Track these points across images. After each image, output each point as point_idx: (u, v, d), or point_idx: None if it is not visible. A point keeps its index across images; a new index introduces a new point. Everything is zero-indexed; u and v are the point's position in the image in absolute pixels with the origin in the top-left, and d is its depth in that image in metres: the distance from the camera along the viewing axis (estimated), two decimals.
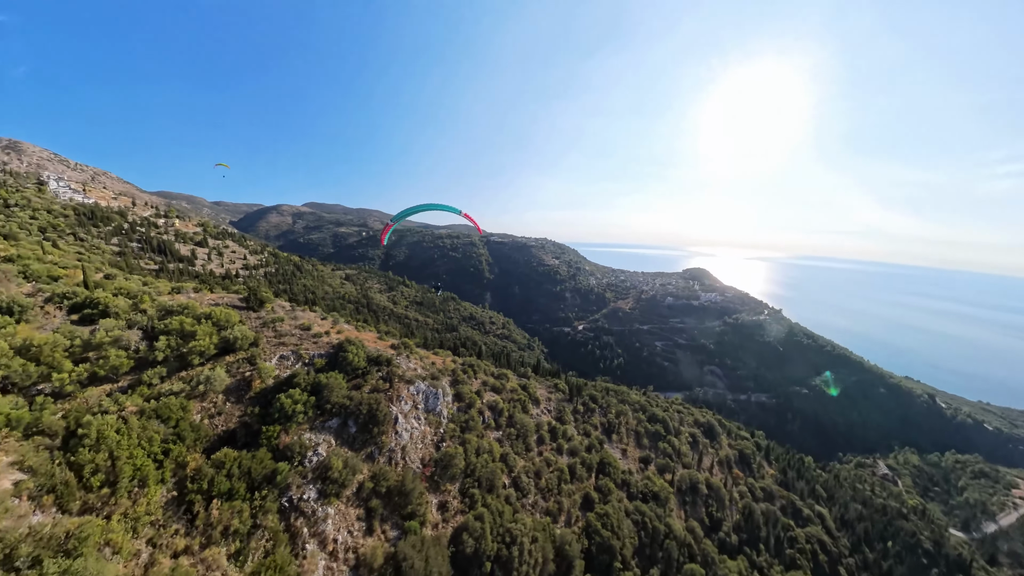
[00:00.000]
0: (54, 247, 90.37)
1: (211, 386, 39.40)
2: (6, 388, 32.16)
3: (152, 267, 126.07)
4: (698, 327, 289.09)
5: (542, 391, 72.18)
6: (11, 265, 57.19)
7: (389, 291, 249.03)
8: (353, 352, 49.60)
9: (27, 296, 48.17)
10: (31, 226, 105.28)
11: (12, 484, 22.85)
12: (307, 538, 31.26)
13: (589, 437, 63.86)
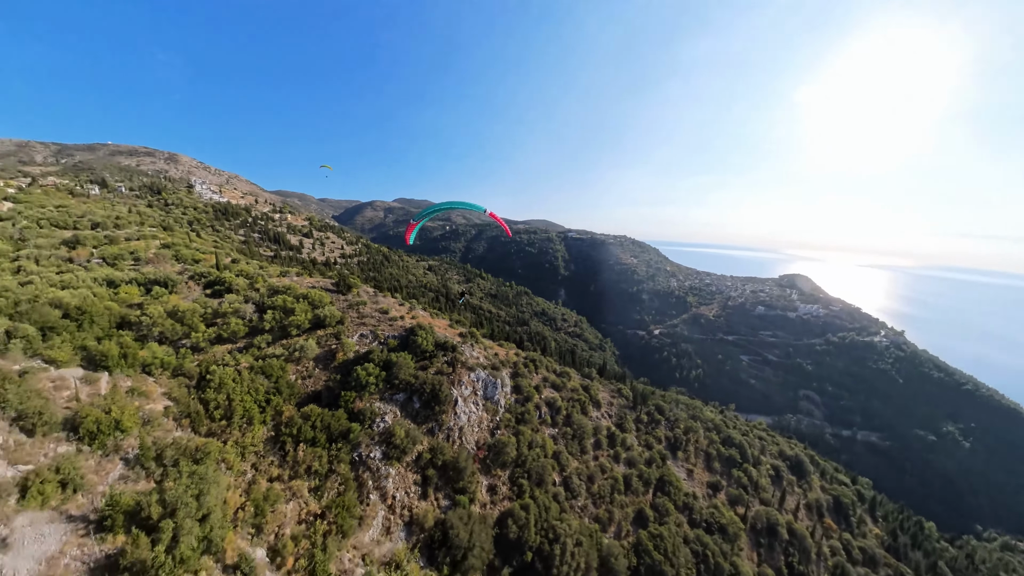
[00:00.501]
0: (197, 236, 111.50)
1: (304, 354, 46.71)
2: (161, 340, 41.95)
3: (268, 254, 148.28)
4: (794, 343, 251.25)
5: (604, 394, 70.48)
6: (167, 250, 72.72)
7: (467, 282, 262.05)
8: (422, 336, 54.34)
9: (177, 274, 61.22)
10: (182, 220, 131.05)
11: (163, 408, 30.26)
12: (371, 489, 36.01)
13: (651, 450, 61.11)
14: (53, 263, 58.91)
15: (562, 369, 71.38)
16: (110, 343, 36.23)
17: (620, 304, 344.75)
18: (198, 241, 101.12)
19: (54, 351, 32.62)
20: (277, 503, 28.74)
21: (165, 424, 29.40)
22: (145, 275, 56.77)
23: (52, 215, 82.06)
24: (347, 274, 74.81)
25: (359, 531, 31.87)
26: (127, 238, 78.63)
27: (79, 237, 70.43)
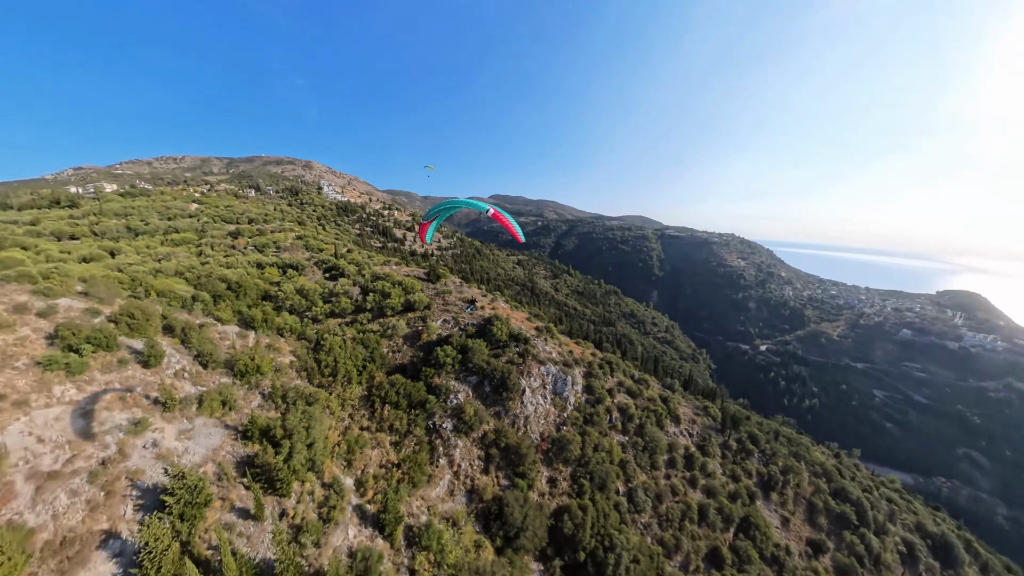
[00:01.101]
0: (323, 230, 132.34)
1: (395, 331, 54.35)
2: (291, 311, 52.79)
3: (377, 245, 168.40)
4: (954, 383, 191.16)
5: (686, 410, 66.47)
6: (300, 240, 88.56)
7: (553, 278, 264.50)
8: (497, 326, 58.18)
9: (305, 259, 74.74)
10: (313, 216, 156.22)
11: (289, 361, 39.03)
12: (440, 455, 41.22)
13: (737, 483, 54.85)
14: (222, 249, 76.67)
15: (640, 376, 69.23)
16: (256, 310, 47.29)
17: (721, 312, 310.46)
18: (323, 233, 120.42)
19: (220, 312, 44.03)
20: (364, 447, 35.32)
21: (289, 373, 38.26)
22: (283, 260, 70.96)
23: (222, 213, 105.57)
24: (437, 265, 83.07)
25: (427, 486, 37.15)
26: (272, 230, 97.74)
27: (239, 229, 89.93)
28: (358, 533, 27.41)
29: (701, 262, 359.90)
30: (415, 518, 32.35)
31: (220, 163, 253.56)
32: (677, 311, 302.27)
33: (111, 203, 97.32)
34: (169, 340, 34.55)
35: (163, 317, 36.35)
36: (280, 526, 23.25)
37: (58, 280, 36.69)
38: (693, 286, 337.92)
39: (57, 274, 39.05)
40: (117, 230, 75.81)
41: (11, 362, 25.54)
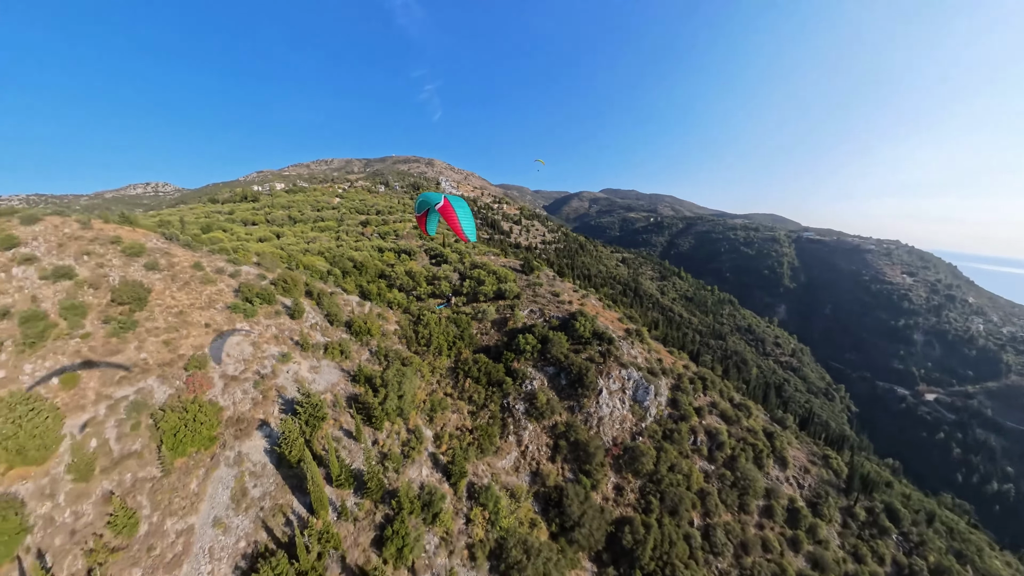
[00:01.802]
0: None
1: (485, 316, 59.94)
2: (400, 288, 62.04)
3: (484, 236, 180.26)
4: None
5: (798, 454, 57.74)
6: (415, 230, 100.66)
7: (660, 280, 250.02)
8: (580, 322, 59.15)
9: (417, 246, 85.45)
10: None
11: (393, 329, 46.98)
12: (511, 432, 45.14)
13: (859, 564, 44.66)
14: (353, 235, 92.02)
15: (742, 401, 62.38)
16: (373, 285, 57.09)
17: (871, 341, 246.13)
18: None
19: (346, 284, 54.41)
20: (445, 410, 41.03)
21: (392, 339, 46.31)
22: (399, 246, 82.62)
23: (357, 205, 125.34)
24: (531, 258, 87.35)
25: (494, 456, 41.24)
26: (394, 220, 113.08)
27: (368, 219, 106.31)
28: (430, 474, 32.89)
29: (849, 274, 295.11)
30: (479, 478, 36.79)
31: (359, 163, 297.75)
32: (810, 333, 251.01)
33: (279, 198, 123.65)
34: (309, 301, 44.74)
35: (305, 284, 47.01)
36: (371, 449, 29.81)
37: (242, 253, 49.92)
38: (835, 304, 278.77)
39: (242, 249, 53.20)
40: (282, 219, 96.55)
41: (213, 304, 36.66)
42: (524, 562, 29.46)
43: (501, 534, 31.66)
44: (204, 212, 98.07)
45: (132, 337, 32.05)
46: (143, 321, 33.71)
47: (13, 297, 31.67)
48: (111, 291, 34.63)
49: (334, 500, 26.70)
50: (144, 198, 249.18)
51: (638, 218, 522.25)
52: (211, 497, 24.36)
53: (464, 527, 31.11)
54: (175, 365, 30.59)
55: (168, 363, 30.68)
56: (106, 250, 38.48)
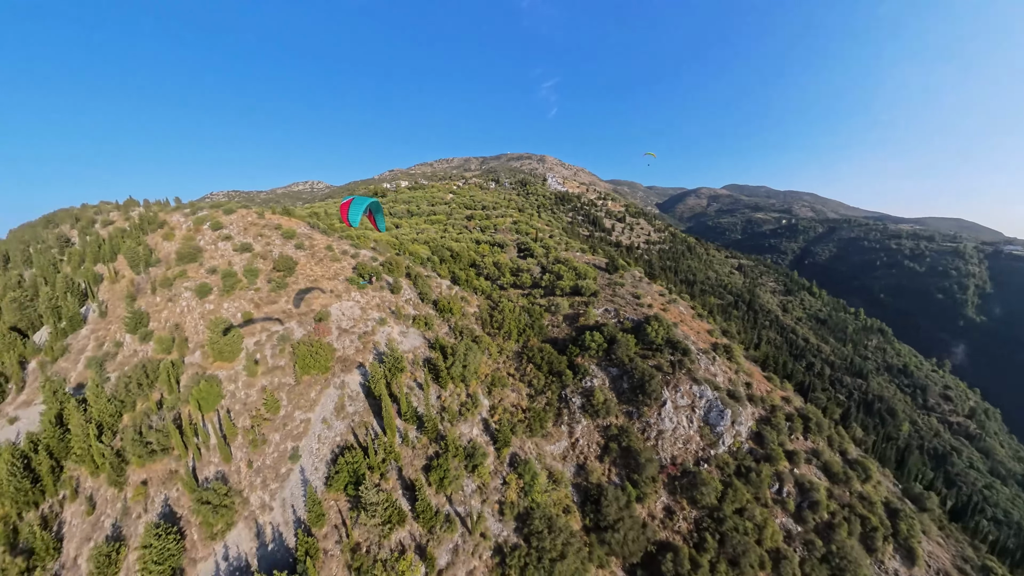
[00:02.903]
0: (538, 217, 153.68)
1: (558, 309, 64.08)
2: (486, 277, 69.90)
3: (584, 233, 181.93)
4: None
5: (938, 551, 45.00)
6: (514, 225, 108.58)
7: (785, 294, 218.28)
8: (653, 328, 57.50)
9: (510, 240, 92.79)
10: (533, 204, 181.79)
11: (472, 312, 54.67)
12: (564, 422, 47.91)
13: None
14: (458, 228, 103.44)
15: (860, 458, 51.19)
16: (463, 272, 65.86)
17: None
18: (535, 220, 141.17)
19: (440, 270, 63.92)
20: (505, 387, 46.78)
21: (470, 319, 54.31)
22: (494, 239, 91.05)
23: (466, 201, 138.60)
24: (617, 257, 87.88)
25: (543, 440, 44.82)
26: (496, 215, 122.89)
27: (473, 214, 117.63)
28: (479, 435, 39.42)
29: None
30: (523, 452, 41.42)
31: (476, 161, 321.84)
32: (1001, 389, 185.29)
33: (401, 194, 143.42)
34: (407, 281, 54.81)
35: (407, 267, 57.22)
36: (433, 402, 37.52)
37: (363, 240, 62.53)
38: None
39: (363, 237, 66.20)
40: (401, 212, 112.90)
41: (337, 277, 48.62)
42: (545, 535, 32.59)
43: (531, 504, 35.85)
44: None
45: (283, 294, 44.72)
46: (291, 284, 46.44)
47: (218, 261, 46.60)
48: (273, 261, 48.10)
49: (400, 429, 35.59)
50: (303, 194, 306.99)
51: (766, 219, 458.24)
52: (322, 404, 35.14)
53: (500, 487, 36.74)
54: (308, 315, 42.24)
55: (304, 313, 42.45)
56: (272, 233, 53.10)
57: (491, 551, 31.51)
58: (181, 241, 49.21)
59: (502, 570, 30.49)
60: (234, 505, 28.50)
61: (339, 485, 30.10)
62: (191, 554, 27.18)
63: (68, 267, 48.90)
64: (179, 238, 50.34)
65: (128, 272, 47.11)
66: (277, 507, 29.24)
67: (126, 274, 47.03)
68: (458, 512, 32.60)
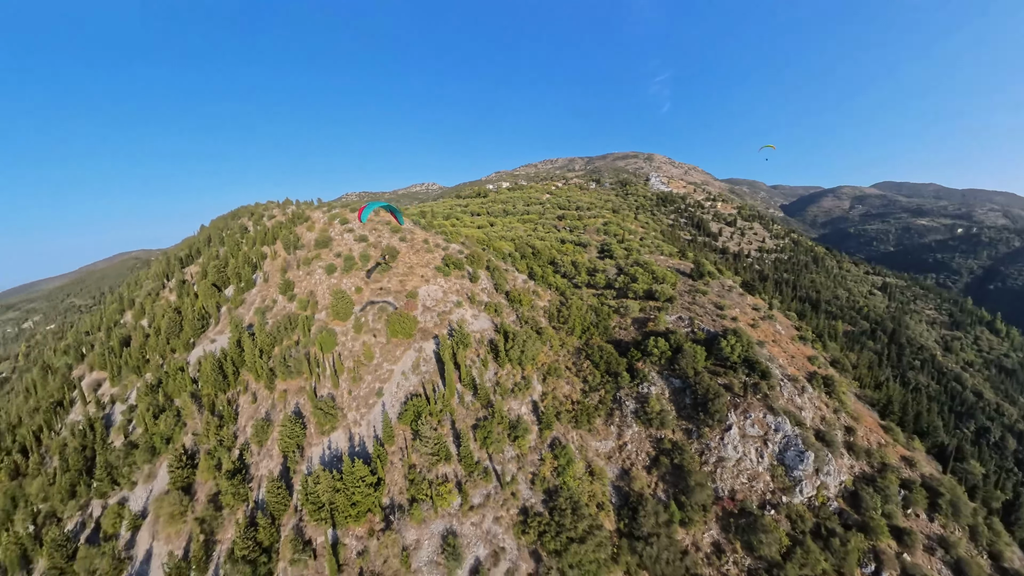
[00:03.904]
0: (634, 218, 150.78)
1: (627, 312, 65.18)
2: (563, 275, 74.18)
3: (686, 237, 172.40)
4: None
5: None
6: (604, 225, 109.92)
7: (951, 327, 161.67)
8: (729, 342, 52.97)
9: (595, 240, 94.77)
10: (632, 206, 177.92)
11: (542, 305, 59.53)
12: (615, 423, 48.61)
13: None
14: (547, 227, 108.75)
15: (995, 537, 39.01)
16: (540, 268, 71.04)
17: None
18: (628, 221, 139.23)
19: (519, 265, 70.27)
20: (559, 378, 50.98)
21: (538, 311, 60.87)
22: (579, 239, 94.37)
23: (561, 202, 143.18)
24: (703, 262, 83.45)
25: (589, 434, 46.58)
26: (589, 216, 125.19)
27: (564, 214, 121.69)
28: (526, 413, 45.30)
29: None
30: (565, 440, 44.38)
31: (581, 161, 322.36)
32: None
33: (500, 195, 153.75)
34: (485, 272, 62.60)
35: (488, 260, 64.43)
36: (490, 376, 46.07)
37: (454, 235, 72.05)
38: None
39: (454, 232, 75.70)
40: (498, 211, 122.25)
41: (428, 265, 59.10)
42: (568, 514, 35.53)
43: (562, 484, 39.20)
44: (449, 205, 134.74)
45: (386, 276, 55.74)
46: (392, 268, 56.76)
47: (342, 248, 59.73)
48: (381, 250, 59.31)
49: (459, 391, 44.06)
50: (419, 194, 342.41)
51: (932, 226, 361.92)
52: (403, 361, 45.95)
53: (537, 461, 41.59)
54: (401, 293, 52.79)
55: (399, 292, 53.00)
56: (382, 228, 65.09)
57: (517, 509, 36.95)
58: (318, 232, 65.01)
59: (523, 528, 35.55)
60: (337, 416, 41.21)
61: (406, 419, 40.45)
62: (308, 440, 40.60)
63: (245, 247, 68.58)
64: (317, 229, 66.29)
65: (283, 252, 64.12)
66: (364, 424, 40.90)
67: (281, 254, 64.13)
68: (495, 469, 38.88)
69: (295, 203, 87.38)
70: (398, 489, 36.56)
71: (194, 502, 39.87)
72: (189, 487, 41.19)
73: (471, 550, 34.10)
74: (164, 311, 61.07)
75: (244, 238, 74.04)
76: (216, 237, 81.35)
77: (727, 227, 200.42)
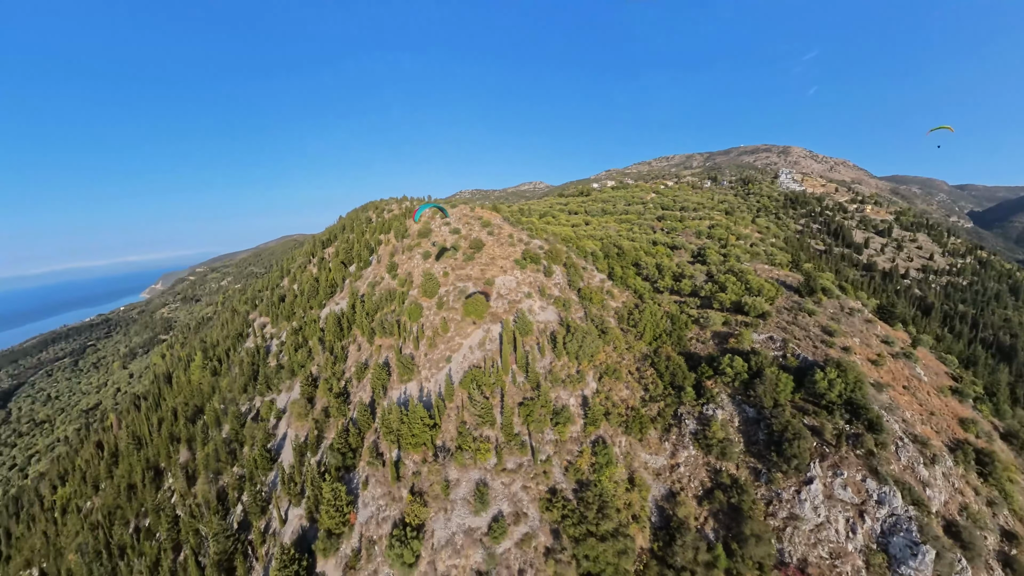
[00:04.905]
0: (751, 222, 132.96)
1: (707, 323, 59.80)
2: (646, 278, 71.17)
3: (818, 247, 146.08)
4: None
5: None
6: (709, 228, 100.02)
7: None
8: (827, 376, 41.49)
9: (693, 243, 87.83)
10: (753, 207, 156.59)
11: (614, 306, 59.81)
12: (672, 441, 44.19)
13: None
14: (645, 228, 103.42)
15: None
16: (620, 269, 69.43)
17: None
18: (741, 224, 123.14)
19: (599, 265, 69.98)
20: (618, 380, 50.25)
21: (609, 311, 60.61)
22: (672, 241, 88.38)
23: (666, 202, 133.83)
24: (818, 276, 70.49)
25: (640, 445, 44.06)
26: (693, 218, 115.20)
27: (665, 215, 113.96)
28: (574, 404, 46.74)
29: None
30: (611, 441, 43.26)
31: (699, 158, 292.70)
32: None
33: (603, 194, 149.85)
34: (561, 268, 64.52)
35: (565, 257, 65.40)
36: (545, 364, 49.26)
37: (539, 232, 74.63)
38: None
39: (539, 229, 77.37)
40: (596, 211, 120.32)
41: (508, 258, 63.18)
42: (593, 509, 35.66)
43: (595, 480, 38.96)
44: (549, 204, 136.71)
45: (471, 264, 62.01)
46: (476, 258, 62.92)
47: (438, 238, 66.88)
48: (469, 242, 64.88)
49: (513, 371, 48.26)
50: (527, 192, 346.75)
51: None
52: (472, 337, 52.56)
53: (575, 452, 42.36)
54: (481, 280, 59.10)
55: (478, 278, 58.75)
56: (474, 222, 71.14)
57: (547, 487, 39.09)
58: (421, 224, 73.74)
59: (548, 504, 37.37)
60: (413, 371, 50.64)
61: (465, 384, 46.93)
62: (391, 384, 51.18)
63: (367, 235, 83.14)
64: (421, 222, 74.71)
65: (393, 240, 75.54)
66: (432, 382, 49.60)
67: (392, 241, 75.70)
68: (532, 445, 41.80)
69: (409, 200, 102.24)
70: (449, 436, 43.80)
71: (313, 409, 54.19)
72: (311, 399, 55.83)
73: (497, 503, 38.03)
74: (308, 279, 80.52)
75: (368, 227, 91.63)
76: (348, 226, 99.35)
77: (877, 237, 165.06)
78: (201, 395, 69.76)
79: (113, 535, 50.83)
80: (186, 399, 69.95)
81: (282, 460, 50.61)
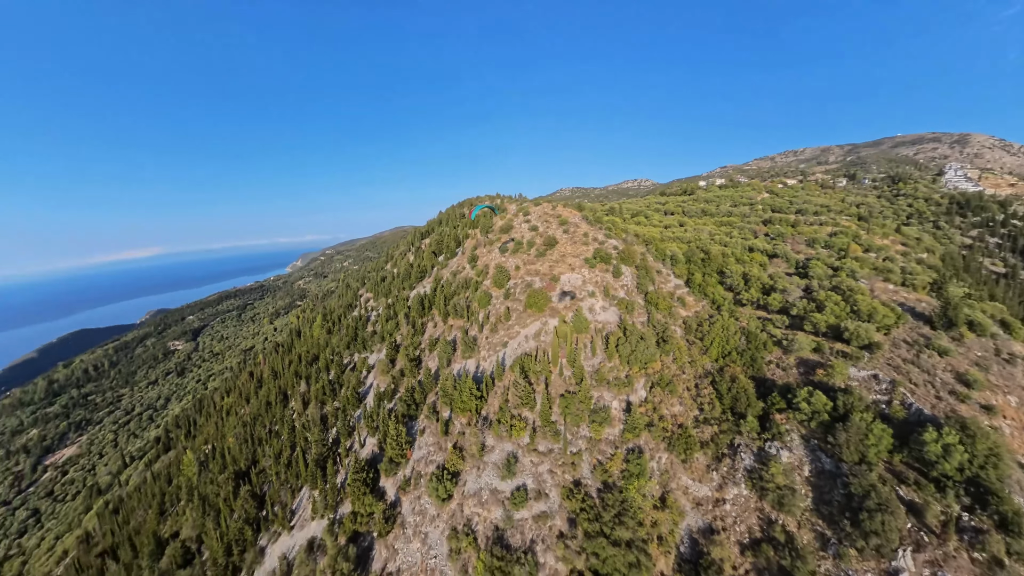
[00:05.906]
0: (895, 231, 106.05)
1: (793, 348, 51.44)
2: (729, 287, 65.18)
3: (996, 269, 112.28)
4: None
5: None
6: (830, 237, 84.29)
7: None
8: (939, 439, 32.13)
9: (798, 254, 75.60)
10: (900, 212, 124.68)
11: (683, 315, 56.02)
12: (720, 471, 39.30)
13: None
14: (746, 232, 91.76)
15: None
16: (702, 276, 64.34)
17: None
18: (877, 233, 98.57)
19: (678, 269, 66.88)
20: (671, 393, 47.41)
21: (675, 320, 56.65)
22: (773, 248, 77.23)
23: (780, 203, 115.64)
24: (958, 304, 54.29)
25: (681, 466, 40.02)
26: (806, 223, 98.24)
27: (773, 218, 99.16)
28: (616, 408, 45.98)
29: None
30: (650, 455, 40.69)
31: (839, 151, 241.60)
32: None
33: (708, 192, 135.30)
34: (631, 269, 62.95)
35: (640, 258, 63.10)
36: (593, 362, 49.72)
37: (618, 231, 72.16)
38: None
39: (617, 229, 74.64)
40: (695, 211, 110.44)
41: (578, 256, 63.98)
42: (610, 512, 34.85)
43: (620, 485, 37.93)
44: (645, 203, 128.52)
45: (542, 259, 64.42)
46: (548, 254, 64.92)
47: (517, 234, 70.39)
48: (544, 239, 66.44)
49: (562, 363, 49.76)
50: (630, 191, 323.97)
51: None
52: (529, 327, 55.19)
53: (608, 454, 41.75)
54: (547, 276, 61.57)
55: (545, 274, 61.53)
56: (552, 220, 72.56)
57: (572, 479, 39.83)
58: (504, 220, 77.80)
59: (570, 494, 38.04)
60: (474, 350, 55.92)
61: (514, 368, 49.80)
62: (454, 359, 56.67)
63: (459, 229, 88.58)
64: (506, 218, 78.61)
65: (479, 235, 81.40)
66: (488, 362, 53.80)
67: (477, 236, 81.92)
68: (566, 436, 42.74)
69: (500, 197, 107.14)
70: (492, 410, 48.40)
71: (393, 368, 63.61)
72: (393, 360, 65.17)
73: (523, 476, 41.38)
74: (404, 264, 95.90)
75: (460, 222, 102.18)
76: (444, 220, 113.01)
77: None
78: (318, 347, 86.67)
79: (255, 432, 69.88)
80: (308, 348, 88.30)
81: (366, 402, 62.16)
